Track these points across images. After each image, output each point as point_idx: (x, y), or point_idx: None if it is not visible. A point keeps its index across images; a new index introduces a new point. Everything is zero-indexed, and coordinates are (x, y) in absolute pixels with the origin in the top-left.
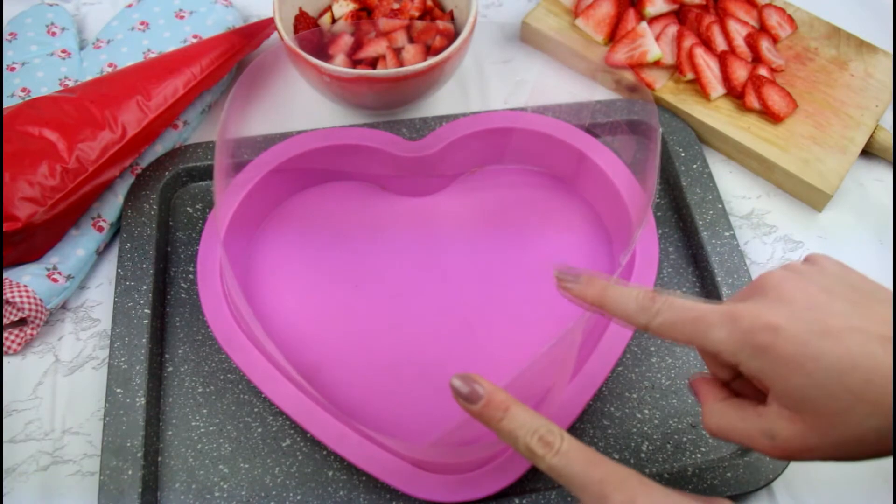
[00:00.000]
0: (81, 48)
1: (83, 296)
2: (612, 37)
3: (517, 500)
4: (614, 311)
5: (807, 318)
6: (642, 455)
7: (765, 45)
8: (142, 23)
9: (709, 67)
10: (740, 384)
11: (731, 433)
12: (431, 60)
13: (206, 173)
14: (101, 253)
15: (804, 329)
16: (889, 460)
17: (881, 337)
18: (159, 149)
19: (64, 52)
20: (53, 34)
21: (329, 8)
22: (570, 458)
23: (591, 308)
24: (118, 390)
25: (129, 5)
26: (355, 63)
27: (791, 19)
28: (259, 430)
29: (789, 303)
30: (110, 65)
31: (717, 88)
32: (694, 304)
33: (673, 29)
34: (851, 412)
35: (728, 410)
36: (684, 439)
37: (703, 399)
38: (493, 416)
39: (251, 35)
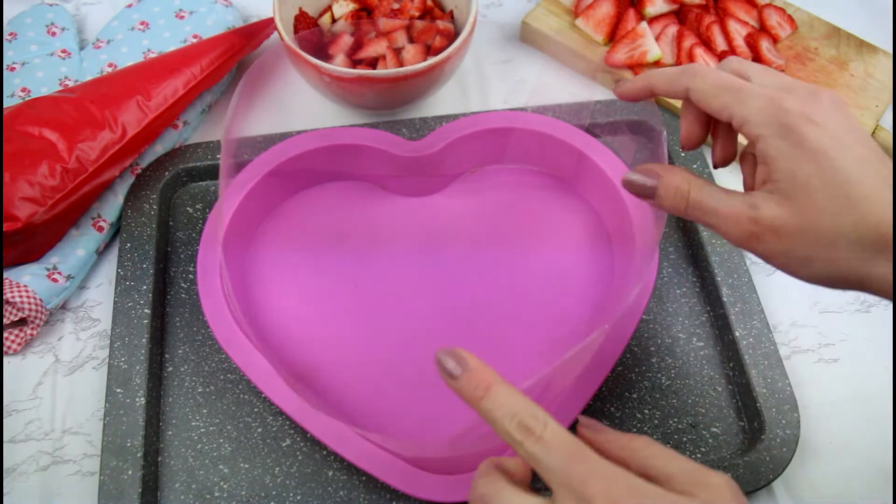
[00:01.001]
0: (81, 48)
1: (83, 296)
2: (612, 37)
3: None
4: (657, 86)
5: (844, 137)
6: None
7: (765, 45)
8: (142, 23)
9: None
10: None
11: (711, 202)
12: (431, 60)
13: (206, 173)
14: (101, 253)
15: (838, 141)
16: (889, 460)
17: (888, 185)
18: (159, 149)
19: (64, 52)
20: (53, 34)
21: (329, 8)
22: (552, 447)
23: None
24: (118, 390)
25: (129, 5)
26: (355, 63)
27: (791, 19)
28: (259, 430)
29: (831, 118)
30: (110, 65)
31: None
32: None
33: (673, 29)
34: (839, 215)
35: (714, 189)
36: (684, 439)
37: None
38: (473, 393)
39: (251, 35)
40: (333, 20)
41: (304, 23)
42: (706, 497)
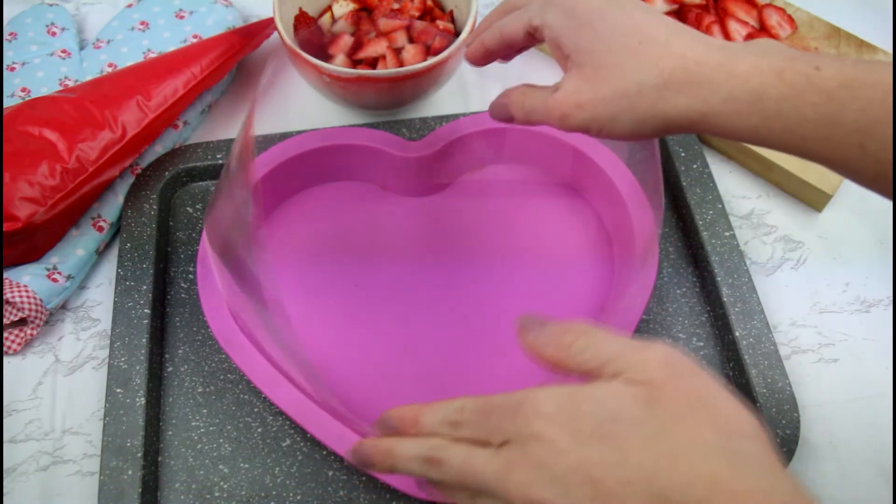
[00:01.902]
0: (81, 48)
1: (83, 296)
2: None
3: None
4: (489, 45)
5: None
6: None
7: None
8: (142, 23)
9: None
10: None
11: (535, 102)
12: (431, 60)
13: (206, 173)
14: (101, 253)
15: (608, 3)
16: (889, 460)
17: (665, 25)
18: (159, 149)
19: (64, 52)
20: (53, 34)
21: (329, 8)
22: (472, 421)
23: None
24: (118, 390)
25: (129, 5)
26: (355, 63)
27: (791, 19)
28: (259, 430)
29: None
30: (110, 65)
31: None
32: None
33: None
34: (624, 66)
35: (536, 89)
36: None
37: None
38: (383, 464)
39: (251, 35)
40: (333, 20)
41: (304, 23)
42: (631, 375)
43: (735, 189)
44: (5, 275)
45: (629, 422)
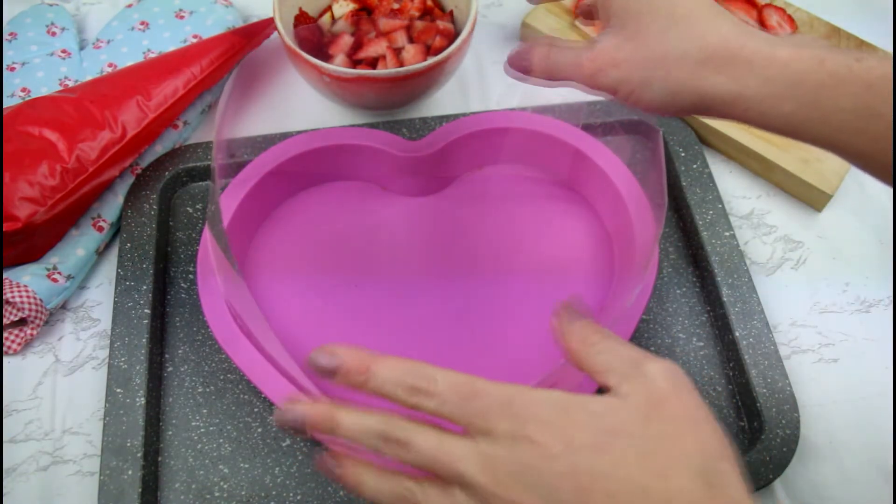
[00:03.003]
0: (81, 48)
1: (83, 296)
2: None
3: None
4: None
5: None
6: None
7: None
8: (142, 23)
9: None
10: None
11: (564, 57)
12: (431, 60)
13: (206, 173)
14: (101, 253)
15: None
16: (889, 460)
17: (712, 5)
18: (159, 149)
19: (64, 52)
20: (53, 34)
21: (329, 8)
22: (445, 397)
23: None
24: (118, 390)
25: (129, 5)
26: (355, 63)
27: (791, 19)
28: (259, 430)
29: None
30: (110, 65)
31: None
32: None
33: None
34: (667, 33)
35: (566, 44)
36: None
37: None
38: (357, 380)
39: (251, 35)
40: (333, 20)
41: (304, 23)
42: (627, 389)
43: (735, 189)
44: (5, 275)
45: (626, 436)
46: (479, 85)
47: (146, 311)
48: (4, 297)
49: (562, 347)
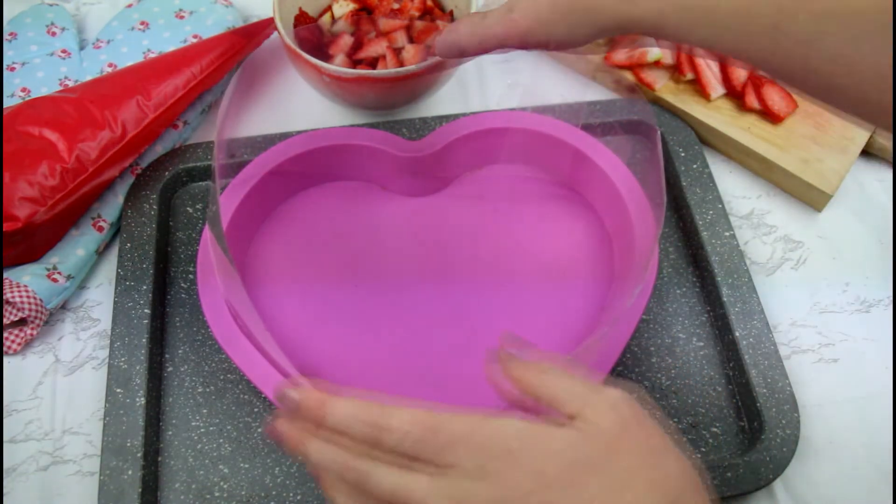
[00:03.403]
0: (81, 48)
1: (83, 296)
2: (613, 37)
3: None
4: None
5: None
6: None
7: None
8: (142, 23)
9: (709, 67)
10: None
11: (482, 29)
12: (431, 60)
13: (206, 173)
14: (101, 253)
15: None
16: (889, 460)
17: None
18: (159, 149)
19: (64, 52)
20: (53, 34)
21: (329, 8)
22: (404, 434)
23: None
24: (118, 390)
25: (129, 5)
26: (355, 63)
27: None
28: (259, 430)
29: None
30: (110, 65)
31: (717, 88)
32: None
33: None
34: None
35: (476, 17)
36: (684, 439)
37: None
38: (316, 415)
39: (251, 35)
40: (333, 20)
41: (303, 23)
42: (590, 416)
43: (735, 189)
44: (5, 275)
45: (594, 470)
46: (479, 85)
47: (146, 311)
48: (4, 297)
49: (508, 387)
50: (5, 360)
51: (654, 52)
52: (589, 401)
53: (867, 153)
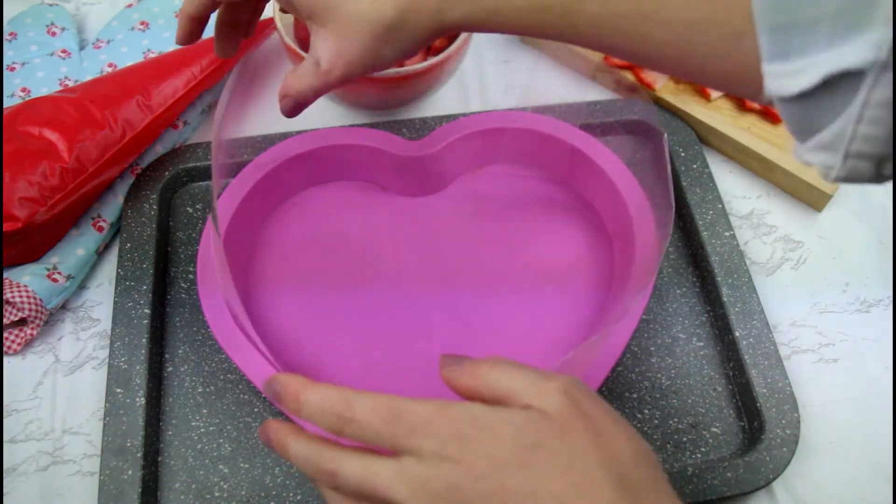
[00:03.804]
0: (81, 48)
1: (83, 296)
2: None
3: None
4: None
5: None
6: None
7: None
8: (142, 23)
9: None
10: None
11: (304, 83)
12: (431, 60)
13: (206, 173)
14: (101, 253)
15: None
16: (889, 460)
17: None
18: (159, 149)
19: (64, 52)
20: (53, 34)
21: None
22: (365, 422)
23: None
24: (118, 390)
25: (129, 5)
26: None
27: None
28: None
29: None
30: (110, 65)
31: None
32: None
33: None
34: (363, 12)
35: (297, 69)
36: (684, 439)
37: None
38: (293, 408)
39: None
40: None
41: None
42: (539, 404)
43: (735, 189)
44: (5, 275)
45: (546, 450)
46: (479, 85)
47: (146, 311)
48: (4, 297)
49: (465, 386)
50: (5, 360)
51: None
52: (541, 389)
53: None
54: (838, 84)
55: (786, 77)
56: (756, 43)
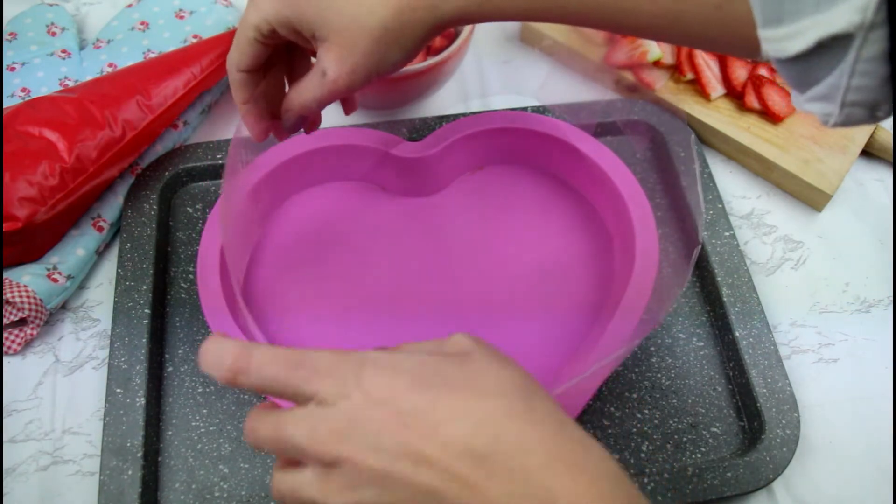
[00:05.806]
0: (81, 48)
1: (83, 296)
2: (612, 37)
3: None
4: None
5: None
6: (642, 455)
7: None
8: (142, 23)
9: (709, 67)
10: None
11: (309, 94)
12: (431, 60)
13: (206, 173)
14: (101, 253)
15: None
16: (889, 460)
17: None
18: (159, 149)
19: (64, 52)
20: (53, 34)
21: None
22: (265, 371)
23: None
24: (118, 390)
25: (129, 5)
26: None
27: None
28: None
29: None
30: (110, 65)
31: (716, 88)
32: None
33: None
34: (359, 18)
35: (302, 82)
36: (684, 439)
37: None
38: (199, 362)
39: None
40: None
41: None
42: (446, 349)
43: (735, 189)
44: (5, 275)
45: (443, 375)
46: (479, 85)
47: (146, 311)
48: (4, 297)
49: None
50: (5, 360)
51: (655, 52)
52: (448, 339)
53: (867, 153)
54: (830, 45)
55: (781, 41)
56: (737, 8)
